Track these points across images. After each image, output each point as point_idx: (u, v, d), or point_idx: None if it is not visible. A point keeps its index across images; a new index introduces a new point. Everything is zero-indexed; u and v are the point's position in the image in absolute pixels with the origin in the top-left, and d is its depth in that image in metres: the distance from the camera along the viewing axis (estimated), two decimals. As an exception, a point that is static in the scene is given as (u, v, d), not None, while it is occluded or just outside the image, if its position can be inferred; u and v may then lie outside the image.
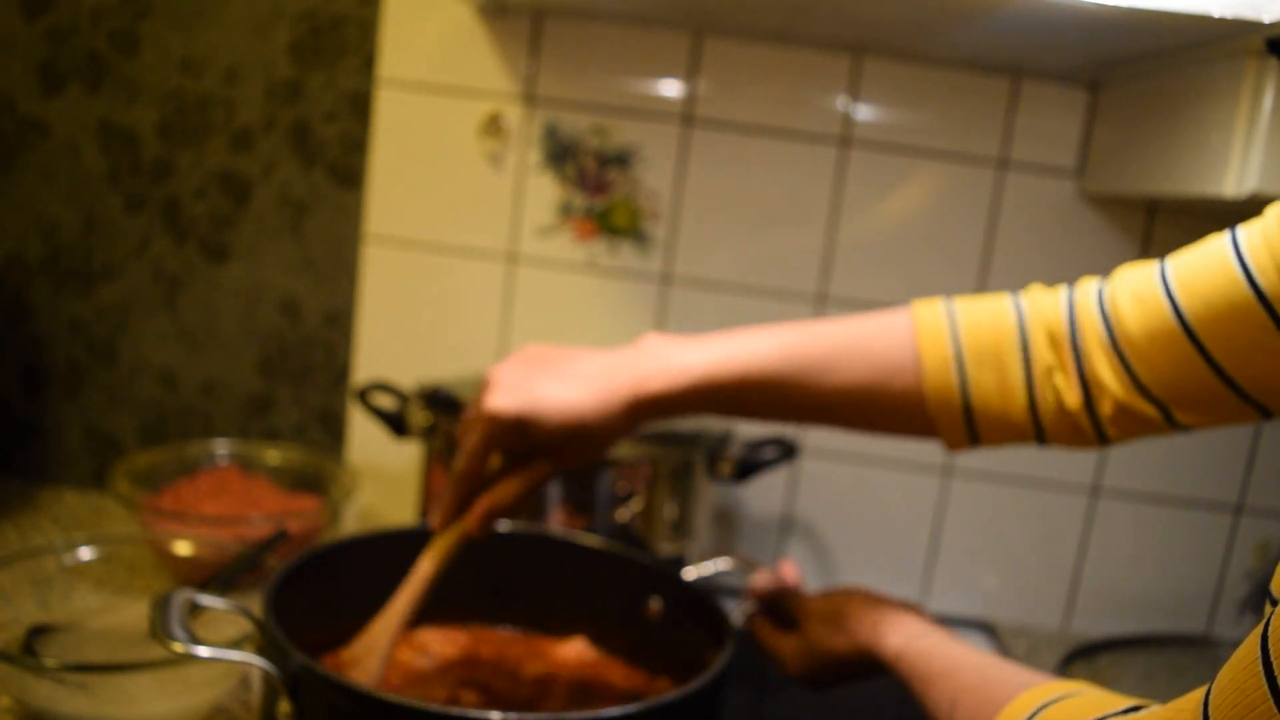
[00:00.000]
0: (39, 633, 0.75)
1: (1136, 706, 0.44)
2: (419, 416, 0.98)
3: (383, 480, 1.15)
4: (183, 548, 0.86)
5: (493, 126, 1.08)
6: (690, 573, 0.82)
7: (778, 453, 1.00)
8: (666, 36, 1.06)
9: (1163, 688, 0.96)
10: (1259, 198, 0.76)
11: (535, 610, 0.82)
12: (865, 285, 1.09)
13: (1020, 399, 0.65)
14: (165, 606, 0.60)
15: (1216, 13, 0.71)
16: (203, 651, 0.57)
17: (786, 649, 0.75)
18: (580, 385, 0.64)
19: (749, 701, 0.93)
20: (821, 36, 1.02)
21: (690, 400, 0.66)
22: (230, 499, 1.00)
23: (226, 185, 1.11)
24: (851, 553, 1.15)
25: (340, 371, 1.14)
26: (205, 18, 1.07)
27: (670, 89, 1.07)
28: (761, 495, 1.14)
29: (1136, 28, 0.80)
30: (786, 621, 0.78)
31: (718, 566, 0.85)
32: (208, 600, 0.65)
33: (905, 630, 0.68)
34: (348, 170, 1.10)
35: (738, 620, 0.74)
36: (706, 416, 0.69)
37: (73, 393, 1.15)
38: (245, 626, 0.68)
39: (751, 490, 1.14)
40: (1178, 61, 0.87)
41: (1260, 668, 0.33)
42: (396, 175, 1.10)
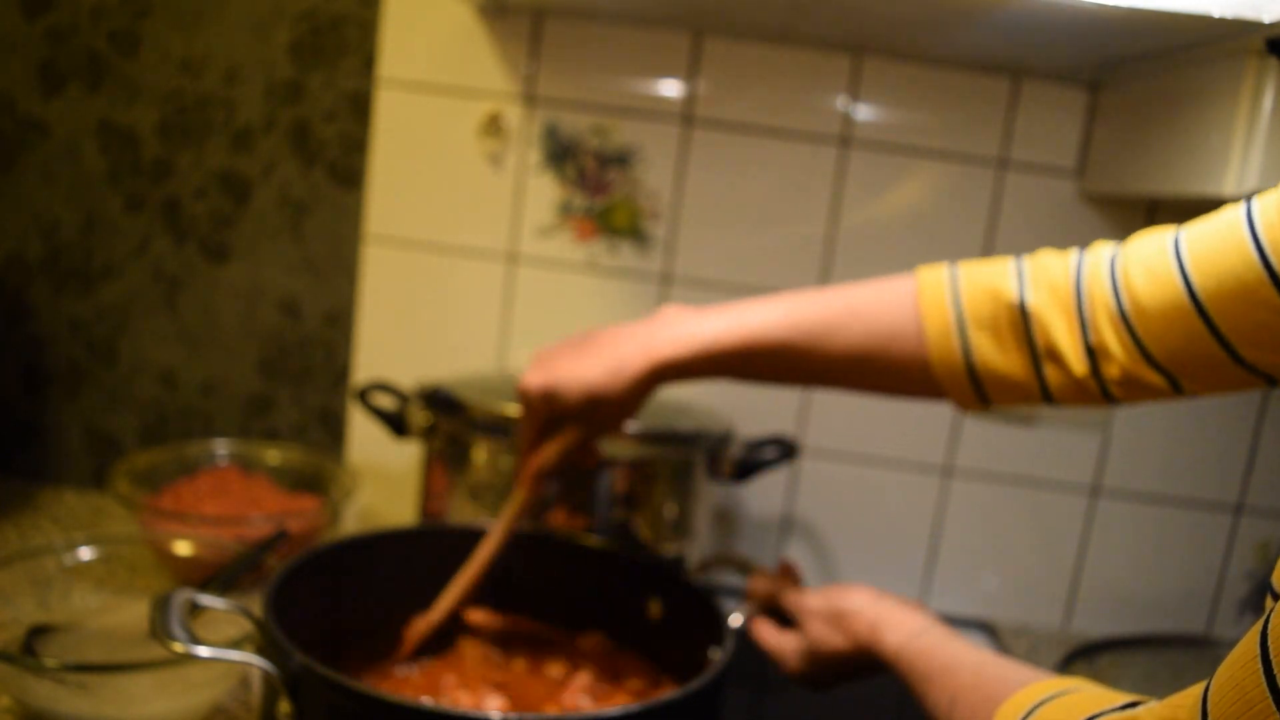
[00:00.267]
0: (39, 633, 0.75)
1: (1134, 703, 0.44)
2: (419, 416, 0.98)
3: (383, 480, 1.15)
4: (183, 548, 0.86)
5: (493, 126, 1.08)
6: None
7: (778, 453, 1.00)
8: (666, 36, 1.06)
9: (1163, 688, 0.96)
10: (1259, 198, 0.76)
11: (536, 610, 0.82)
12: (865, 285, 1.09)
13: (1023, 363, 0.65)
14: (165, 606, 0.60)
15: (1216, 13, 0.71)
16: (203, 651, 0.57)
17: (786, 649, 0.75)
18: (596, 359, 0.71)
19: (749, 701, 0.93)
20: (821, 36, 1.02)
21: (700, 365, 0.70)
22: (230, 499, 1.00)
23: (226, 185, 1.11)
24: (851, 553, 1.15)
25: (340, 371, 1.14)
26: (205, 18, 1.07)
27: (670, 89, 1.07)
28: (761, 495, 1.14)
29: (1136, 28, 0.80)
30: (786, 621, 0.78)
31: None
32: (208, 600, 0.65)
33: (904, 628, 0.68)
34: (348, 170, 1.10)
35: (737, 620, 0.74)
36: (720, 380, 0.73)
37: (73, 393, 1.15)
38: (245, 626, 0.68)
39: (751, 490, 1.14)
40: (1178, 61, 0.87)
41: (1259, 665, 0.33)
42: (396, 175, 1.10)
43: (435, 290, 1.12)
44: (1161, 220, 1.06)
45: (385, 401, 1.04)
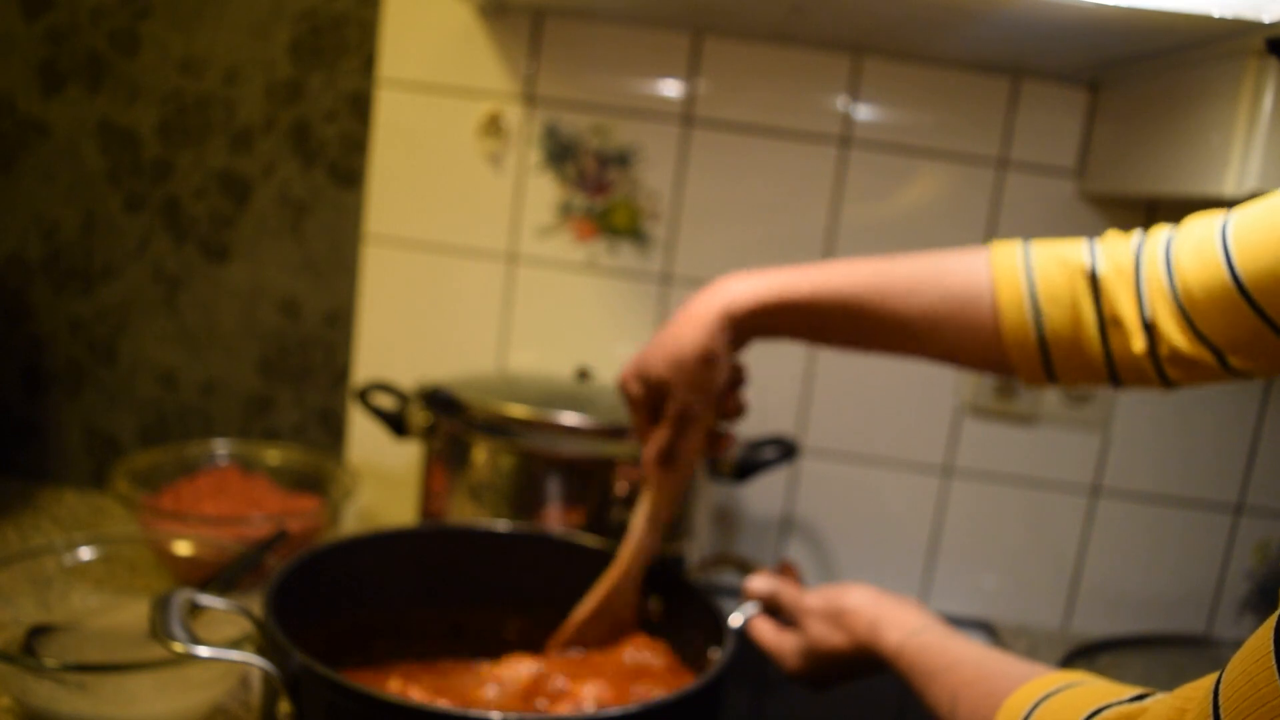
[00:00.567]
0: (39, 633, 0.75)
1: (1142, 694, 0.44)
2: (419, 416, 0.98)
3: (383, 480, 1.15)
4: (183, 548, 0.86)
5: (493, 126, 1.08)
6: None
7: (778, 453, 1.00)
8: (666, 36, 1.06)
9: (1163, 688, 0.96)
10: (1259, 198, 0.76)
11: (534, 610, 0.82)
12: (865, 285, 1.09)
13: (1094, 338, 0.66)
14: (165, 606, 0.60)
15: (1216, 13, 0.71)
16: (203, 651, 0.57)
17: (786, 648, 0.75)
18: (672, 325, 0.74)
19: (749, 701, 0.93)
20: (821, 36, 1.02)
21: (773, 314, 0.72)
22: (230, 499, 1.00)
23: (226, 185, 1.11)
24: (851, 553, 1.15)
25: (340, 371, 1.14)
26: (205, 18, 1.07)
27: (670, 89, 1.07)
28: (761, 495, 1.14)
29: (1136, 28, 0.80)
30: (786, 621, 0.78)
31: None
32: (208, 600, 0.65)
33: (904, 627, 0.68)
34: (348, 170, 1.10)
35: (737, 620, 0.74)
36: (793, 339, 0.75)
37: (73, 393, 1.15)
38: (245, 626, 0.68)
39: (751, 490, 1.14)
40: (1178, 61, 0.87)
41: (1273, 660, 0.32)
42: (396, 175, 1.10)
43: (435, 290, 1.12)
44: (1162, 220, 1.06)
45: (385, 401, 1.04)
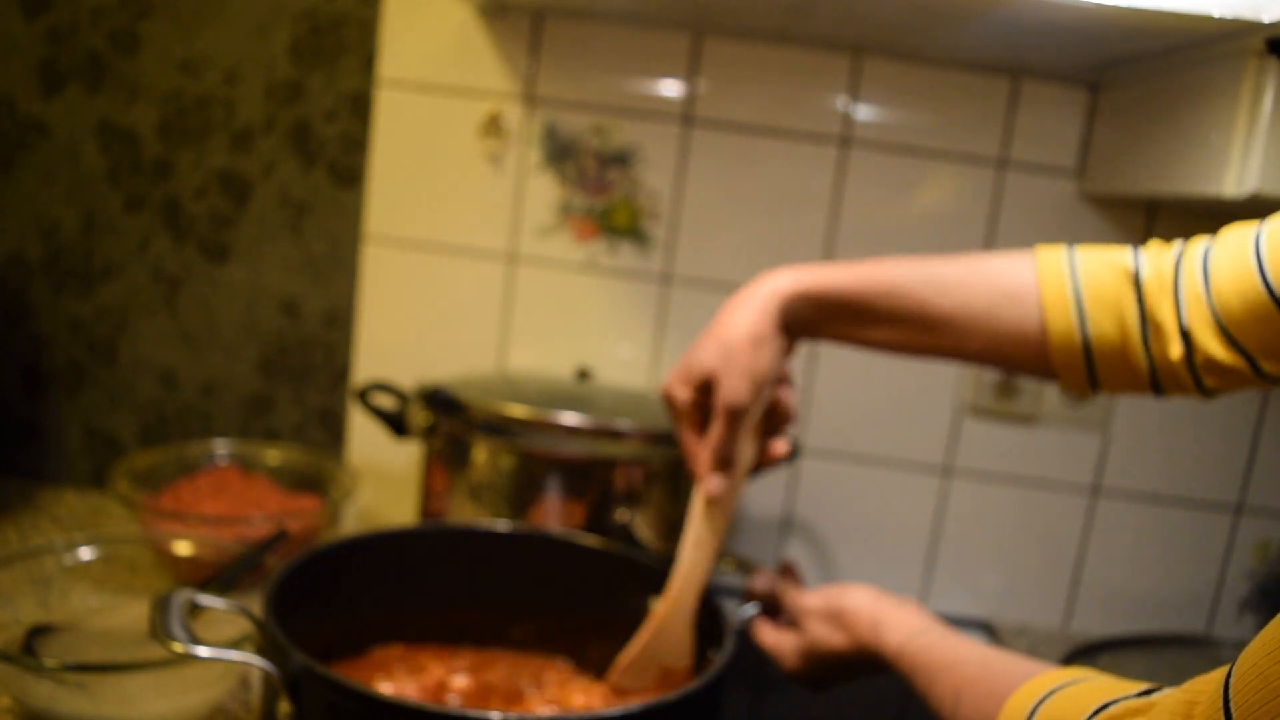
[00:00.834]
0: (39, 633, 0.75)
1: (1149, 690, 0.44)
2: (419, 416, 0.98)
3: (383, 480, 1.15)
4: (183, 548, 0.86)
5: (493, 126, 1.08)
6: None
7: (778, 453, 1.00)
8: (666, 36, 1.06)
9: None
10: (1259, 198, 0.76)
11: (536, 611, 0.81)
12: (865, 285, 1.09)
13: (1137, 342, 0.67)
14: (165, 606, 0.60)
15: (1216, 13, 0.71)
16: (203, 651, 0.57)
17: (786, 648, 0.75)
18: (713, 323, 0.73)
19: (749, 701, 0.93)
20: (821, 36, 1.02)
21: (819, 304, 0.72)
22: (230, 499, 1.00)
23: (226, 185, 1.11)
24: (851, 553, 1.15)
25: (340, 371, 1.14)
26: (205, 18, 1.07)
27: (670, 89, 1.07)
28: (761, 495, 1.14)
29: (1136, 28, 0.80)
30: (786, 621, 0.78)
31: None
32: (208, 600, 0.65)
33: (905, 627, 0.68)
34: (348, 170, 1.10)
35: (738, 620, 0.74)
36: (839, 339, 0.75)
37: (73, 393, 1.15)
38: (245, 626, 0.68)
39: (751, 490, 1.14)
40: (1178, 62, 0.87)
41: None
42: (396, 175, 1.10)
43: (435, 290, 1.12)
44: (1162, 221, 1.07)
45: (385, 401, 1.04)
